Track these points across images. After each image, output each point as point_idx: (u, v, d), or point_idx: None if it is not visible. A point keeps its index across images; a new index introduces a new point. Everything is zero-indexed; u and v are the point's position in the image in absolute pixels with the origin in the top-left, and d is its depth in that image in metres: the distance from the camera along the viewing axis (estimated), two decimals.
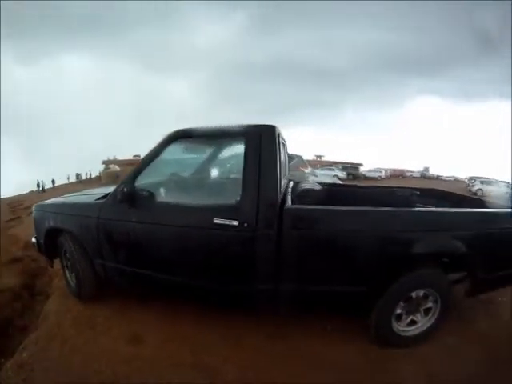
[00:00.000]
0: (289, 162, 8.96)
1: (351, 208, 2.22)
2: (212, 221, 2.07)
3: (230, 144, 2.97)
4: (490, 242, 2.40)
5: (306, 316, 2.51)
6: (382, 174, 30.64)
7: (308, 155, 42.91)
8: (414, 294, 2.26)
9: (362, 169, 30.20)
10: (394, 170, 38.17)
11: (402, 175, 39.20)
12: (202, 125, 2.49)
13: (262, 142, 2.16)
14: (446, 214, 2.48)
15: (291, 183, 3.61)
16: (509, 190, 22.15)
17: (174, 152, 2.71)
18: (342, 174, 24.16)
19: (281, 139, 2.67)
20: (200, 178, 3.24)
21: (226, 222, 2.06)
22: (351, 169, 27.59)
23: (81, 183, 26.95)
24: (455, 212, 2.56)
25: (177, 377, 1.92)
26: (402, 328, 2.31)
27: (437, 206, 3.14)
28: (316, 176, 13.66)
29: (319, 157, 49.99)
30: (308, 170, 9.93)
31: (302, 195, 3.02)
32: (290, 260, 2.07)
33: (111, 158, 43.27)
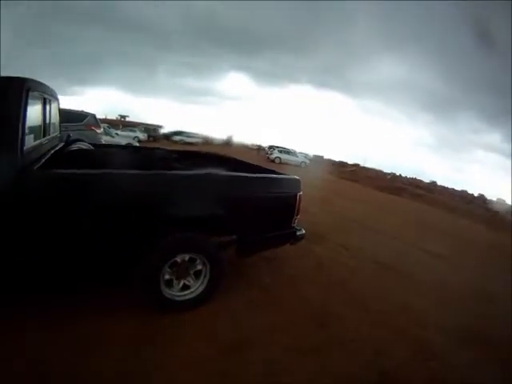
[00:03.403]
0: (80, 121, 8.09)
1: (85, 171, 2.11)
2: None
3: None
4: (252, 206, 2.51)
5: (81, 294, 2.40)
6: (200, 140, 31.11)
7: (112, 115, 39.53)
8: (178, 259, 2.29)
9: (162, 130, 30.98)
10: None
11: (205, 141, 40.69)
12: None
13: (4, 95, 1.92)
14: (202, 177, 2.43)
15: (60, 144, 3.33)
16: (305, 160, 25.73)
17: None
18: (143, 136, 23.39)
19: (40, 94, 2.46)
20: None
21: None
22: (152, 131, 27.31)
23: None
24: (212, 175, 2.49)
25: None
26: (175, 293, 2.34)
27: (201, 169, 3.07)
28: (112, 137, 12.80)
29: (123, 117, 46.32)
30: (100, 130, 9.10)
31: (67, 158, 2.80)
32: (31, 226, 1.93)
33: None
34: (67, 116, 6.11)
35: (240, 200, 2.46)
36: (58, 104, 3.49)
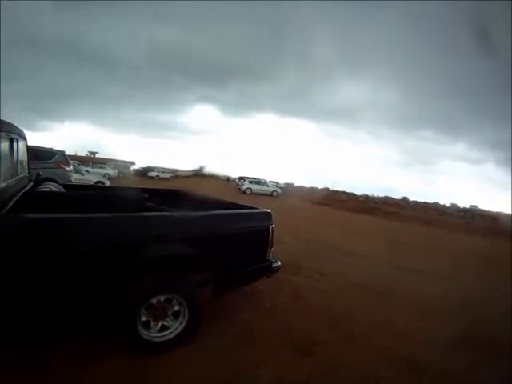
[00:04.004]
0: (50, 159, 7.91)
1: (56, 215, 2.09)
2: None
3: None
4: (225, 243, 2.52)
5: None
6: (171, 174, 31.02)
7: (81, 151, 38.77)
8: (154, 301, 2.24)
9: (134, 167, 31.05)
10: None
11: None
12: None
13: None
14: (174, 218, 2.46)
15: (29, 185, 3.27)
16: (277, 189, 25.90)
17: None
18: (114, 173, 23.18)
19: (7, 135, 2.45)
20: None
21: None
22: (122, 167, 27.05)
23: None
24: (184, 215, 2.55)
25: None
26: (153, 334, 2.28)
27: (172, 208, 3.09)
28: (82, 174, 12.56)
29: (93, 153, 45.59)
30: (70, 168, 8.94)
31: (37, 200, 2.73)
32: None
33: None
34: (36, 154, 6.01)
35: (212, 238, 2.47)
36: (26, 143, 3.44)
